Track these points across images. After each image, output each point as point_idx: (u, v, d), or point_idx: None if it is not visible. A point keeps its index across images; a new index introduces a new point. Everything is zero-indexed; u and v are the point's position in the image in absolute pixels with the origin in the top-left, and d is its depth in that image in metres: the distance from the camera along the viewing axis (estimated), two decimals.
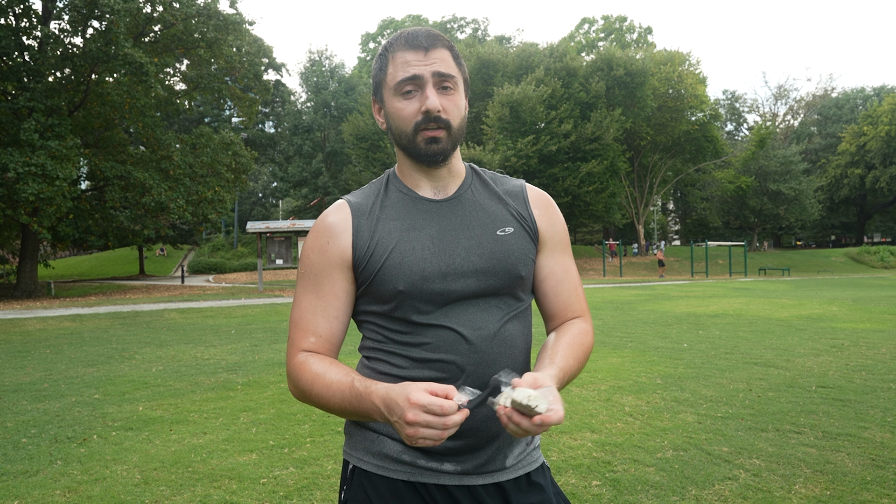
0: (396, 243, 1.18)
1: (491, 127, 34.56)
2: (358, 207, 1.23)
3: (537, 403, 0.96)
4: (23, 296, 19.80)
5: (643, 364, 7.04)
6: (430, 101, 1.14)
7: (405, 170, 1.26)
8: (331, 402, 1.11)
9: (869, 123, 54.24)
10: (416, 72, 1.15)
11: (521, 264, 1.21)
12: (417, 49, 1.16)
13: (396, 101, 1.18)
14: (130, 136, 26.49)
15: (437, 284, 1.16)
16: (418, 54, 1.16)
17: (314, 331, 1.19)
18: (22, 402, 5.58)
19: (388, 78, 1.19)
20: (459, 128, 1.20)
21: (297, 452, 4.02)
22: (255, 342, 9.36)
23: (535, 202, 1.29)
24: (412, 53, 1.16)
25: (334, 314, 1.20)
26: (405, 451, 1.17)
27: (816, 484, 3.36)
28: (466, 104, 1.24)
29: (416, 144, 1.18)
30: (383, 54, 1.21)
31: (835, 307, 13.68)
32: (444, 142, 1.17)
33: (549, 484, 1.26)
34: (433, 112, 1.14)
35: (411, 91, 1.16)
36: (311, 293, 1.21)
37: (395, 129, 1.20)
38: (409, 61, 1.16)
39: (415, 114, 1.16)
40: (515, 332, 1.21)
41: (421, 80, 1.15)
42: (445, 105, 1.16)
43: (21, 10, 19.32)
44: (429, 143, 1.17)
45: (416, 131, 1.17)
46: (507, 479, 1.20)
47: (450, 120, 1.17)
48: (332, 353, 1.21)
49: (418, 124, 1.16)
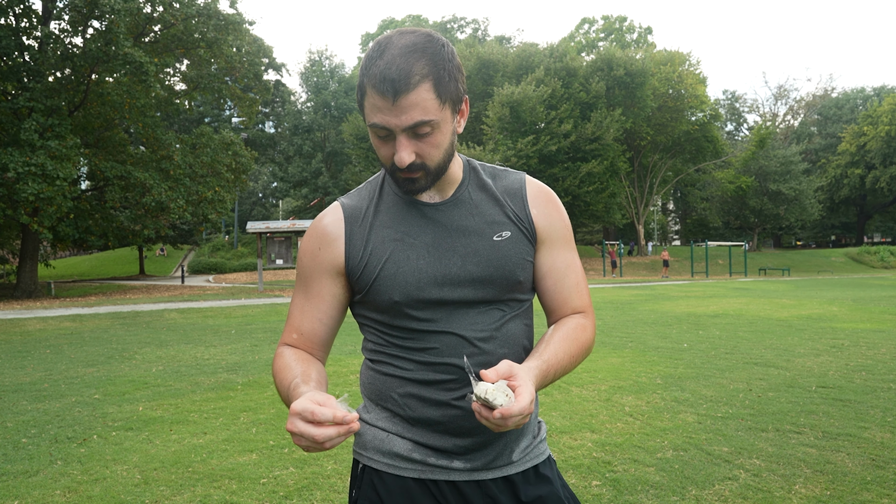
0: (391, 253, 1.17)
1: (491, 127, 34.57)
2: (351, 212, 1.22)
3: (494, 398, 0.97)
4: (23, 296, 19.80)
5: (643, 364, 7.04)
6: (398, 158, 1.08)
7: None
8: (279, 394, 1.17)
9: (869, 123, 54.23)
10: (384, 123, 1.06)
11: (519, 269, 1.20)
12: (385, 96, 1.04)
13: (373, 137, 1.13)
14: (130, 136, 26.50)
15: (434, 294, 1.15)
16: (387, 102, 1.04)
17: (298, 328, 1.25)
18: (22, 402, 5.58)
19: (365, 110, 1.11)
20: (442, 161, 1.14)
21: (297, 452, 4.02)
22: (256, 342, 9.36)
23: (533, 200, 1.26)
24: (381, 100, 1.05)
25: (318, 316, 1.24)
26: (415, 450, 1.19)
27: (816, 484, 3.36)
28: (457, 123, 1.16)
29: (395, 179, 1.16)
30: (362, 76, 1.09)
31: (835, 307, 13.68)
32: (421, 181, 1.14)
33: (555, 476, 1.27)
34: (401, 167, 1.10)
35: (385, 136, 1.10)
36: (302, 294, 1.26)
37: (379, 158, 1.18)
38: (380, 107, 1.06)
39: (389, 157, 1.12)
40: (517, 331, 1.22)
41: (392, 131, 1.08)
42: (421, 150, 1.10)
43: (21, 10, 19.33)
44: (405, 183, 1.14)
45: (392, 171, 1.14)
46: (515, 472, 1.21)
47: (425, 162, 1.11)
48: (312, 350, 1.25)
49: (393, 167, 1.12)
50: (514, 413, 0.96)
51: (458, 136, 1.73)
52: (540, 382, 1.09)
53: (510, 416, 0.96)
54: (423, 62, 1.04)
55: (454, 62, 1.10)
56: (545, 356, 1.13)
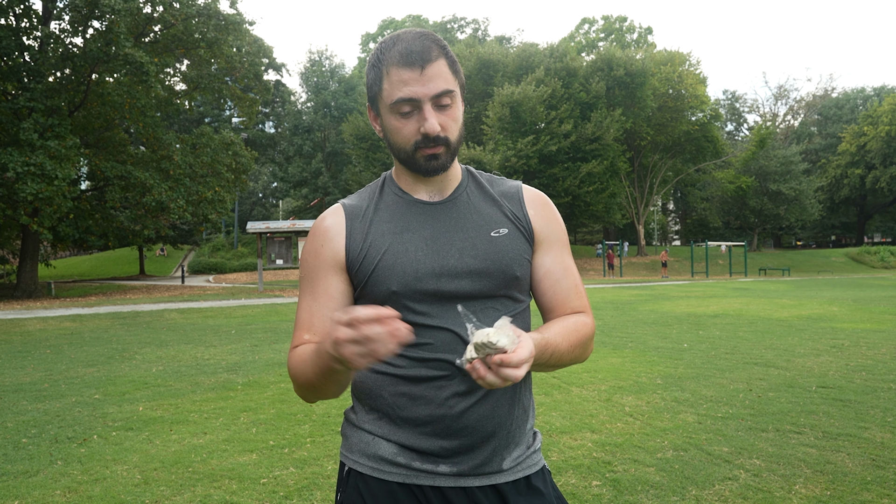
0: (389, 245, 1.19)
1: (491, 127, 34.56)
2: (352, 210, 1.25)
3: (497, 339, 0.93)
4: (23, 296, 19.80)
5: (643, 364, 7.04)
6: (430, 125, 1.12)
7: (401, 173, 1.27)
8: (309, 376, 1.10)
9: (869, 123, 54.21)
10: (412, 94, 1.12)
11: (516, 265, 1.21)
12: (413, 67, 1.11)
13: (394, 119, 1.16)
14: (131, 136, 26.50)
15: (431, 285, 1.16)
16: (414, 72, 1.11)
17: (308, 328, 1.21)
18: (22, 403, 5.58)
19: (383, 94, 1.16)
20: (458, 139, 1.19)
21: (297, 452, 4.02)
22: (256, 342, 9.36)
23: (530, 202, 1.28)
24: (408, 72, 1.12)
25: (328, 314, 1.21)
26: (400, 453, 1.17)
27: (816, 484, 3.35)
28: (463, 106, 1.22)
29: (415, 160, 1.18)
30: (376, 66, 1.16)
31: (835, 307, 13.68)
32: (443, 157, 1.17)
33: (549, 489, 1.24)
34: (432, 135, 1.14)
35: (409, 112, 1.14)
36: (308, 295, 1.24)
37: (394, 146, 1.20)
38: (406, 80, 1.12)
39: (413, 133, 1.15)
40: None
41: (419, 102, 1.13)
42: (444, 122, 1.15)
43: (21, 10, 19.34)
44: (428, 160, 1.17)
45: (415, 149, 1.16)
46: (504, 481, 1.19)
47: (448, 136, 1.16)
48: None
49: (417, 143, 1.15)
50: (513, 362, 0.93)
51: None
52: (538, 353, 1.06)
53: (508, 363, 0.93)
54: (435, 44, 1.15)
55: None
56: (547, 335, 1.12)
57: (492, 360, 0.94)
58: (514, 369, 0.94)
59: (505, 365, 0.93)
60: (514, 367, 0.94)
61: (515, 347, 0.95)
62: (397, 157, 1.21)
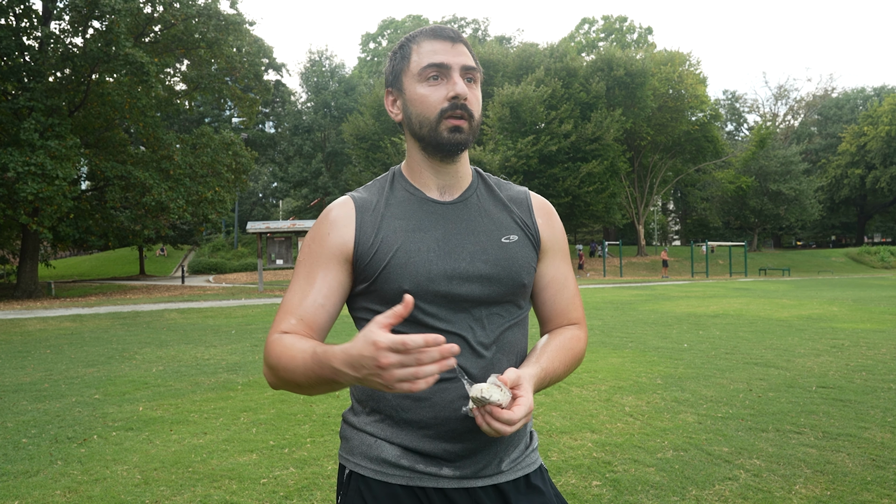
0: (402, 243, 1.17)
1: (491, 127, 34.54)
2: (362, 203, 1.22)
3: (490, 394, 0.99)
4: (23, 296, 19.80)
5: (643, 364, 7.04)
6: (459, 87, 1.15)
7: (414, 166, 1.25)
8: (296, 375, 1.05)
9: (869, 123, 54.21)
10: (444, 60, 1.16)
11: (525, 272, 1.22)
12: (445, 39, 1.18)
13: (421, 87, 1.18)
14: (131, 136, 26.51)
15: (443, 286, 1.15)
16: (446, 44, 1.17)
17: (295, 313, 1.15)
18: (22, 403, 5.58)
19: (411, 65, 1.19)
20: (479, 121, 1.21)
21: (297, 453, 4.02)
22: (256, 342, 9.36)
23: (538, 210, 1.30)
24: (440, 43, 1.18)
25: (321, 302, 1.17)
26: (403, 456, 1.17)
27: (817, 484, 3.35)
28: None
29: (438, 133, 1.17)
30: (405, 45, 1.22)
31: (835, 307, 13.68)
32: (466, 132, 1.17)
33: (548, 486, 1.25)
34: (461, 97, 1.15)
35: (437, 77, 1.17)
36: (303, 279, 1.19)
37: (417, 117, 1.18)
38: (437, 50, 1.17)
39: (441, 100, 1.16)
40: (515, 340, 1.22)
41: (448, 68, 1.16)
42: (469, 96, 1.17)
43: (21, 11, 19.34)
44: (452, 132, 1.16)
45: (440, 118, 1.16)
46: (505, 480, 1.20)
47: (472, 110, 1.18)
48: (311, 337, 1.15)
49: (444, 111, 1.16)
50: (503, 418, 0.99)
51: None
52: (536, 389, 1.12)
53: (499, 418, 0.99)
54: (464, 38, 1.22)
55: None
56: (542, 363, 1.15)
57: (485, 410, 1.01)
58: (505, 425, 0.99)
59: (496, 418, 1.00)
60: (504, 423, 0.99)
61: (511, 404, 1.02)
62: (418, 131, 1.19)
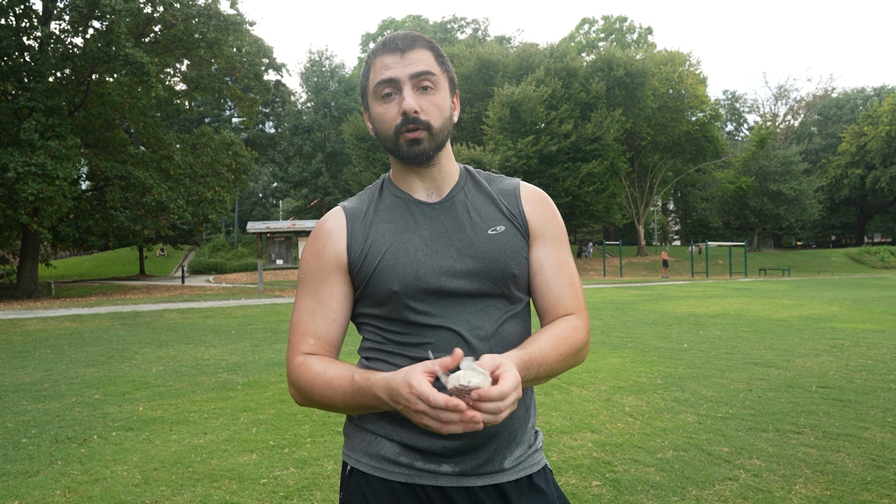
0: (390, 245, 1.19)
1: (491, 127, 34.53)
2: (352, 212, 1.26)
3: (468, 380, 0.92)
4: (23, 296, 19.80)
5: (643, 364, 7.04)
6: (406, 102, 1.15)
7: (398, 173, 1.28)
8: (334, 400, 1.12)
9: (869, 123, 54.20)
10: (391, 75, 1.16)
11: (514, 262, 1.22)
12: (394, 52, 1.18)
13: (378, 105, 1.20)
14: (131, 136, 26.50)
15: (432, 284, 1.16)
16: (394, 56, 1.17)
17: (313, 333, 1.20)
18: (22, 403, 5.58)
19: (370, 83, 1.21)
20: (442, 127, 1.19)
21: (297, 453, 4.02)
22: (256, 342, 9.36)
23: (526, 198, 1.29)
24: (389, 57, 1.18)
25: (332, 316, 1.21)
26: (403, 453, 1.17)
27: (817, 484, 3.35)
28: (454, 103, 1.25)
29: (398, 147, 1.19)
30: (367, 61, 1.23)
31: (835, 307, 13.68)
32: (425, 143, 1.17)
33: (551, 488, 1.24)
34: (410, 113, 1.15)
35: (390, 94, 1.18)
36: (310, 297, 1.23)
37: (380, 134, 1.22)
38: (387, 64, 1.17)
39: (394, 117, 1.17)
40: (513, 333, 1.21)
41: (398, 82, 1.16)
42: (424, 106, 1.16)
43: (21, 11, 19.33)
44: (410, 146, 1.18)
45: (397, 134, 1.18)
46: (507, 480, 1.19)
47: (429, 121, 1.17)
48: (331, 354, 1.21)
49: (398, 127, 1.17)
50: (493, 395, 0.92)
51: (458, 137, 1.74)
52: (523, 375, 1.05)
53: (488, 397, 0.92)
54: (421, 39, 1.21)
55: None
56: (528, 348, 1.11)
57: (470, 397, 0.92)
58: (497, 402, 0.93)
59: (484, 399, 0.92)
60: (494, 399, 0.93)
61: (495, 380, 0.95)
62: (385, 146, 1.23)
